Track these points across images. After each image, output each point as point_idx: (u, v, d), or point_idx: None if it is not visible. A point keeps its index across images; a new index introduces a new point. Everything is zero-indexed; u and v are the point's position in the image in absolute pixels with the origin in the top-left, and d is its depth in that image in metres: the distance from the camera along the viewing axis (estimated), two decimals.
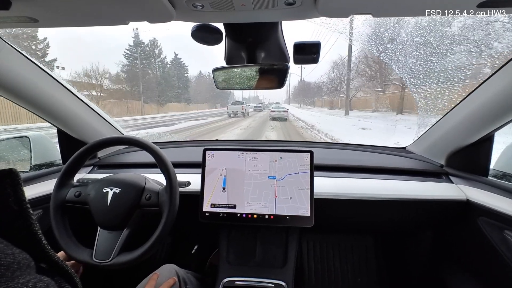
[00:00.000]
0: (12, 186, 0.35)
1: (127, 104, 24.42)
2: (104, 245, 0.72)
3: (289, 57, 0.75)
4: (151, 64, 32.32)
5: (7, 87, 0.81)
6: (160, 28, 78.30)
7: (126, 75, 29.01)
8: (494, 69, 0.75)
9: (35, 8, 0.46)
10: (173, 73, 35.70)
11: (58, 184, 0.77)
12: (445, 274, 1.03)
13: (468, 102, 0.87)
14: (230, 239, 1.00)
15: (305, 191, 0.86)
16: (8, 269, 0.28)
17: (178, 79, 36.62)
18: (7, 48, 0.76)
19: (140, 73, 29.38)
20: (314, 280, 1.36)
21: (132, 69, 29.56)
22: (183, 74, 39.13)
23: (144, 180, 0.81)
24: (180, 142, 1.48)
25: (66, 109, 0.99)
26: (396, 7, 0.47)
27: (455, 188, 0.95)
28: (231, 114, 19.58)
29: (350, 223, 1.13)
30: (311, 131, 9.96)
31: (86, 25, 0.56)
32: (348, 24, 4.15)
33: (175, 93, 34.68)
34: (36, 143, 1.16)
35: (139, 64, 29.80)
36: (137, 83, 28.00)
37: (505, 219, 0.74)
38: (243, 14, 0.52)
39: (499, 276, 0.80)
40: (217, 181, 0.89)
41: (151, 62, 32.24)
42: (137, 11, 0.48)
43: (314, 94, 38.76)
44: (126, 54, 29.86)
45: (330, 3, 0.45)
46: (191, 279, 0.88)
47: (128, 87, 27.95)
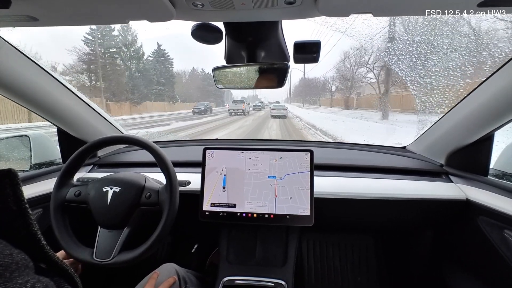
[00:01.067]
0: (11, 186, 0.35)
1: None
2: (105, 244, 0.72)
3: (289, 56, 0.75)
4: (122, 53, 25.34)
5: (7, 86, 0.81)
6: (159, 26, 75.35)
7: (85, 66, 22.08)
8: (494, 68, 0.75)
9: (35, 6, 0.46)
10: (154, 66, 30.33)
11: (58, 183, 0.77)
12: (445, 273, 1.03)
13: (468, 101, 0.87)
14: (230, 238, 1.00)
15: (305, 191, 0.86)
16: (6, 270, 0.28)
17: (161, 74, 31.06)
18: (7, 47, 0.76)
19: (99, 62, 22.75)
20: (314, 279, 1.36)
21: (95, 59, 22.52)
22: (168, 68, 32.74)
23: (144, 179, 0.81)
24: (180, 142, 1.48)
25: (66, 108, 0.99)
26: (396, 7, 0.47)
27: (455, 187, 0.95)
28: (232, 112, 19.71)
29: (350, 222, 1.13)
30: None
31: (86, 23, 0.56)
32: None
33: (156, 90, 29.51)
34: (36, 142, 1.16)
35: (97, 49, 22.95)
36: (104, 76, 21.95)
37: (505, 219, 0.74)
38: (243, 13, 0.52)
39: (499, 275, 0.80)
40: (217, 180, 0.89)
41: (123, 51, 25.35)
42: (137, 9, 0.48)
43: (319, 91, 34.58)
44: (87, 40, 22.71)
45: (330, 2, 0.45)
46: (191, 278, 0.88)
47: (88, 81, 21.82)
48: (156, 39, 35.78)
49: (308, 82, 41.90)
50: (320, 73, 43.52)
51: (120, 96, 24.57)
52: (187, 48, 74.33)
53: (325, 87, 30.97)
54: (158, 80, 30.41)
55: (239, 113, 19.59)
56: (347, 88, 21.01)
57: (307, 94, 42.16)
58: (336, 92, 25.71)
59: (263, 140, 1.65)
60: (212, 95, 48.44)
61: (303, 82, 47.59)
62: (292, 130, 10.49)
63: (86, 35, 22.82)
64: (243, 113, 19.59)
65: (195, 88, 47.17)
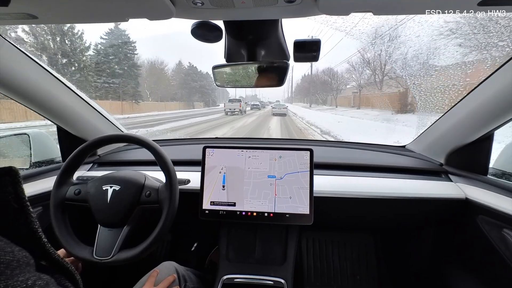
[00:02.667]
0: (12, 184, 0.35)
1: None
2: (105, 242, 0.72)
3: (289, 55, 0.75)
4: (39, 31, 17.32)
5: (7, 85, 0.81)
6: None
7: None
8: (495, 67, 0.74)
9: (34, 4, 0.46)
10: (104, 51, 22.34)
11: (58, 181, 0.77)
12: (444, 272, 1.03)
13: (468, 100, 0.87)
14: (229, 237, 1.00)
15: (304, 190, 0.86)
16: (7, 267, 0.29)
17: (117, 63, 22.89)
18: (6, 45, 0.76)
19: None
20: (314, 278, 1.37)
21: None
22: (128, 55, 23.97)
23: (143, 177, 0.81)
24: (180, 140, 1.48)
25: (65, 106, 0.99)
26: (396, 5, 0.46)
27: (454, 186, 0.95)
28: (228, 111, 19.30)
29: (349, 221, 1.13)
30: None
31: (86, 21, 0.56)
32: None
33: (106, 84, 21.19)
34: (36, 140, 1.16)
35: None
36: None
37: (504, 218, 0.75)
38: (243, 12, 0.51)
39: (497, 274, 0.80)
40: (217, 178, 0.89)
41: (42, 28, 17.12)
42: (137, 8, 0.48)
43: (337, 85, 26.56)
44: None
45: (330, 1, 0.45)
46: (190, 276, 0.88)
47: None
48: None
49: (316, 77, 33.92)
50: (335, 61, 31.66)
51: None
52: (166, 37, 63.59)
53: (346, 80, 23.58)
54: (111, 71, 21.76)
55: (236, 112, 19.19)
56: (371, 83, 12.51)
57: (317, 91, 34.11)
58: (371, 86, 16.77)
59: (263, 139, 1.65)
60: (198, 93, 39.01)
61: (308, 77, 39.93)
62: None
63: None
64: (240, 112, 19.19)
65: (178, 84, 36.61)
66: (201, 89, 38.85)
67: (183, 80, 37.24)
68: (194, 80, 37.11)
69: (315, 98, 35.42)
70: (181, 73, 38.14)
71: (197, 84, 37.77)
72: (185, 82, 37.21)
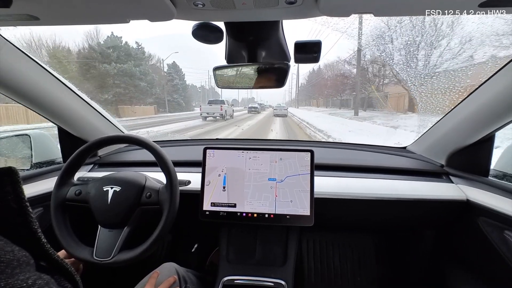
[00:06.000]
0: (12, 184, 0.35)
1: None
2: (105, 243, 0.72)
3: (290, 56, 0.75)
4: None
5: (8, 85, 0.81)
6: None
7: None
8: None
9: (36, 6, 0.46)
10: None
11: (59, 182, 0.77)
12: (445, 274, 1.03)
13: (469, 102, 0.87)
14: (230, 238, 1.00)
15: (305, 193, 0.85)
16: (8, 266, 0.29)
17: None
18: (8, 46, 0.76)
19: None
20: (314, 279, 1.36)
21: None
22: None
23: (144, 178, 0.81)
24: (181, 141, 1.48)
25: (67, 107, 0.99)
26: (397, 7, 0.47)
27: (455, 188, 0.95)
28: (207, 116, 15.11)
29: (350, 222, 1.13)
30: None
31: (87, 23, 0.56)
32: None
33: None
34: (37, 141, 1.17)
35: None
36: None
37: (505, 220, 0.74)
38: (244, 13, 0.52)
39: (499, 276, 0.80)
40: (217, 180, 0.89)
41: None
42: (138, 9, 0.48)
43: (367, 81, 18.17)
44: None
45: (331, 2, 0.45)
46: (191, 278, 0.88)
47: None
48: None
49: (336, 70, 24.44)
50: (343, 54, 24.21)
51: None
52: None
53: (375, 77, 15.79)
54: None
55: (217, 117, 15.10)
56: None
57: (338, 90, 24.40)
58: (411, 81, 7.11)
59: (263, 140, 1.65)
60: (146, 95, 22.65)
61: (321, 72, 30.25)
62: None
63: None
64: (222, 117, 15.04)
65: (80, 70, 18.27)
66: (177, 91, 22.01)
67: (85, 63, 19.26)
68: (106, 61, 19.59)
69: (328, 100, 27.38)
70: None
71: (113, 67, 19.54)
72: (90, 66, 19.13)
